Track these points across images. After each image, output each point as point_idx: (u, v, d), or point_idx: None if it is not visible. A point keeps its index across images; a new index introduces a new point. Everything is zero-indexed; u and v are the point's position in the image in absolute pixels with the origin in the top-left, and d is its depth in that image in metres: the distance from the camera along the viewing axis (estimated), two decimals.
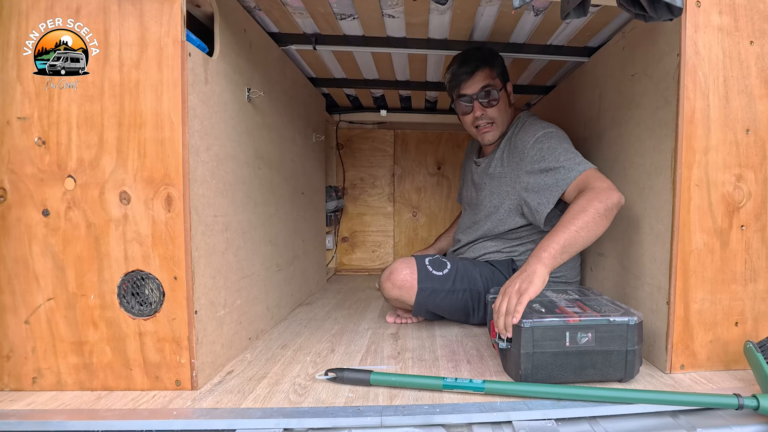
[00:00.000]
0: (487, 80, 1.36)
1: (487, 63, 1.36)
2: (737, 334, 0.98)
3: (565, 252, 1.01)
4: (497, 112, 1.39)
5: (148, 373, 0.89)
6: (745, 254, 0.98)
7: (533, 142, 1.29)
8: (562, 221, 1.04)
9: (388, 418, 0.78)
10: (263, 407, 0.83)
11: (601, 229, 1.04)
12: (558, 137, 1.27)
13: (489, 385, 0.87)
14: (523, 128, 1.36)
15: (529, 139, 1.30)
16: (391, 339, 1.25)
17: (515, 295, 0.94)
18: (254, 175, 1.21)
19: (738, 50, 0.95)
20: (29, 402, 0.84)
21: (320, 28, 1.37)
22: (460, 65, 1.37)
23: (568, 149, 1.24)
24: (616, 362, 0.91)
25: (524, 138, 1.32)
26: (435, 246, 1.84)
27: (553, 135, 1.28)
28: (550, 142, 1.26)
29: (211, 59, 0.98)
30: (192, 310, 0.89)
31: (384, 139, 2.50)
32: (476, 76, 1.36)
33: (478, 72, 1.35)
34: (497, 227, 1.42)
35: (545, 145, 1.26)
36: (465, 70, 1.36)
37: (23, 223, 0.87)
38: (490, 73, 1.36)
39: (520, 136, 1.35)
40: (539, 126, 1.32)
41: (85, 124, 0.87)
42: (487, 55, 1.37)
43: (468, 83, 1.37)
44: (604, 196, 1.05)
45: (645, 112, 1.08)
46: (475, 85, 1.36)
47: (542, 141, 1.27)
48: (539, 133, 1.29)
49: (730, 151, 0.96)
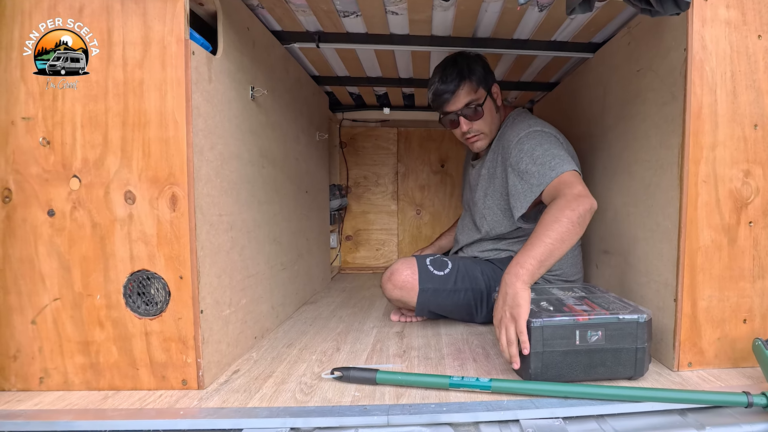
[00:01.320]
0: (470, 96, 1.33)
1: (466, 77, 1.32)
2: (745, 331, 0.98)
3: (543, 266, 0.99)
4: (484, 124, 1.37)
5: (154, 372, 0.89)
6: (753, 251, 0.97)
7: (516, 141, 1.27)
8: (537, 233, 1.02)
9: (395, 417, 0.78)
10: (270, 406, 0.83)
11: (575, 238, 1.03)
12: (541, 137, 1.24)
13: (496, 384, 0.86)
14: (512, 127, 1.34)
15: (513, 138, 1.28)
16: (396, 337, 1.25)
17: (510, 323, 0.93)
18: (258, 174, 1.21)
19: (746, 44, 0.94)
20: (36, 402, 0.84)
21: (323, 25, 1.36)
22: (440, 83, 1.33)
23: (548, 150, 1.19)
24: (626, 360, 0.91)
25: (509, 136, 1.31)
26: (435, 245, 1.83)
27: (536, 135, 1.25)
28: (531, 143, 1.23)
29: (215, 58, 0.98)
30: (198, 310, 0.88)
31: (387, 137, 2.49)
32: (458, 95, 1.33)
33: (459, 90, 1.32)
34: (494, 228, 1.42)
35: (525, 146, 1.23)
36: (446, 89, 1.32)
37: (29, 223, 0.87)
38: (471, 87, 1.33)
39: (507, 135, 1.33)
40: (525, 124, 1.30)
41: (90, 123, 0.86)
42: (465, 69, 1.33)
43: (451, 102, 1.34)
44: (575, 203, 1.03)
45: (651, 107, 1.07)
46: (458, 103, 1.34)
47: (524, 141, 1.25)
48: (522, 133, 1.27)
49: (738, 147, 0.95)
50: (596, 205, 1.06)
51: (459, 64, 1.34)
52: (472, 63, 1.35)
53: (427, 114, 2.33)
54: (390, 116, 2.30)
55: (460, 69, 1.33)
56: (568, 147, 1.30)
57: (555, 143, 1.23)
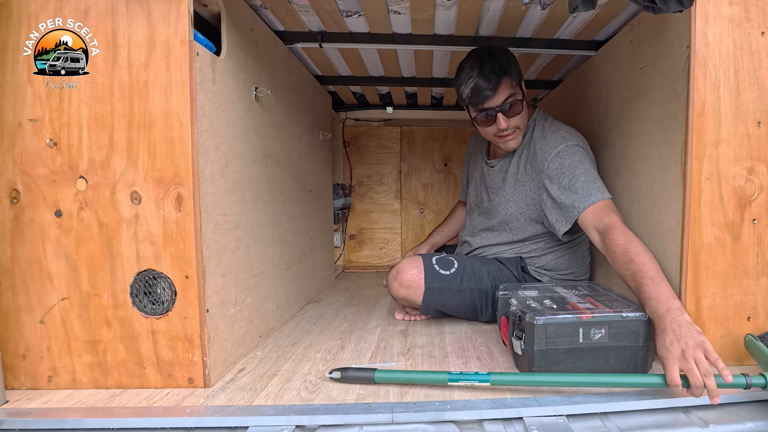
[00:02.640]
0: (509, 90, 1.27)
1: (507, 72, 1.26)
2: (749, 329, 0.97)
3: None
4: (521, 120, 1.31)
5: (161, 371, 0.90)
6: (757, 248, 0.97)
7: (555, 154, 1.24)
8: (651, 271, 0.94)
9: (399, 415, 0.79)
10: (275, 404, 0.84)
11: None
12: (580, 154, 1.23)
13: (494, 377, 0.86)
14: (544, 135, 1.30)
15: (551, 150, 1.25)
16: (400, 336, 1.26)
17: (699, 349, 0.78)
18: (262, 174, 1.22)
19: (749, 41, 0.94)
20: (45, 400, 0.85)
21: (326, 25, 1.36)
22: (482, 78, 1.24)
23: (590, 170, 1.20)
24: (629, 358, 0.91)
25: (545, 148, 1.27)
26: (428, 242, 1.80)
27: (576, 151, 1.24)
28: (572, 159, 1.22)
29: (219, 58, 0.99)
30: (203, 309, 0.89)
31: (390, 136, 2.50)
32: (500, 90, 1.26)
33: (501, 85, 1.25)
34: (516, 235, 1.40)
35: (566, 162, 1.21)
36: (488, 86, 1.24)
37: (36, 224, 0.88)
38: (511, 81, 1.27)
39: (540, 144, 1.30)
40: (560, 135, 1.28)
41: (96, 125, 0.87)
42: (505, 63, 1.27)
43: (492, 98, 1.26)
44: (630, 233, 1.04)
45: (654, 105, 1.07)
46: (499, 99, 1.26)
47: (564, 156, 1.23)
48: (561, 146, 1.24)
49: (742, 144, 0.95)
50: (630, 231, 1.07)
51: (499, 59, 1.27)
52: (510, 57, 1.30)
53: (429, 113, 2.33)
54: (393, 115, 2.31)
55: (501, 63, 1.26)
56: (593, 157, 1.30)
57: (592, 163, 1.24)
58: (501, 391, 0.88)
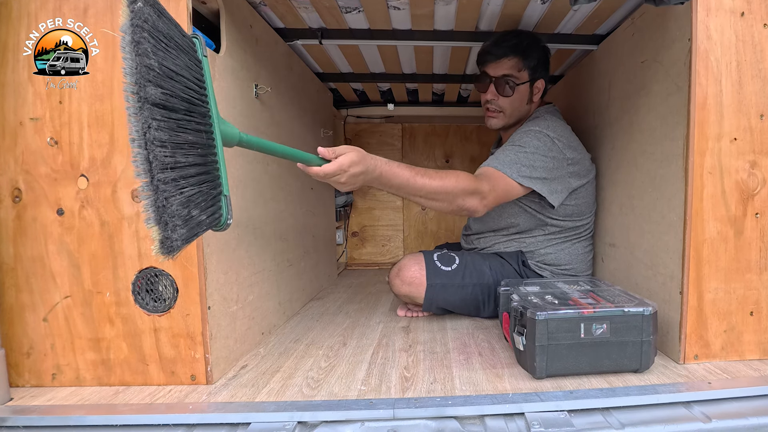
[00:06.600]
0: (511, 71, 1.33)
1: (519, 54, 1.32)
2: (752, 323, 0.97)
3: (383, 183, 1.01)
4: (508, 104, 1.37)
5: (163, 368, 0.91)
6: (760, 242, 0.96)
7: (521, 131, 1.30)
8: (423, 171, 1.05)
9: (401, 411, 0.79)
10: (277, 401, 0.84)
11: (432, 204, 1.09)
12: (539, 141, 1.25)
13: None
14: (531, 120, 1.35)
15: (522, 128, 1.31)
16: (402, 332, 1.26)
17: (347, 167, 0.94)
18: (264, 172, 1.22)
19: (751, 34, 0.93)
20: (49, 398, 0.86)
21: (326, 22, 1.36)
22: (493, 43, 1.34)
23: (528, 153, 1.22)
24: (632, 353, 0.91)
25: (521, 128, 1.33)
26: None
27: (538, 136, 1.26)
28: (526, 138, 1.26)
29: (218, 56, 0.99)
30: (205, 306, 0.90)
31: (392, 133, 2.49)
32: (501, 62, 1.33)
33: (505, 59, 1.32)
34: (496, 222, 1.42)
35: (521, 138, 1.26)
36: (495, 51, 1.33)
37: (39, 222, 0.88)
38: (517, 64, 1.33)
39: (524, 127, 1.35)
40: (541, 123, 1.31)
41: (96, 123, 0.88)
42: (522, 45, 1.32)
43: (491, 65, 1.35)
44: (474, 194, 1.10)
45: (656, 99, 1.07)
46: (497, 70, 1.34)
47: (524, 134, 1.27)
48: (532, 128, 1.29)
49: (744, 138, 0.94)
50: (479, 214, 1.15)
51: (520, 38, 1.33)
52: (533, 45, 1.35)
53: (431, 109, 2.33)
54: (394, 112, 2.30)
55: (518, 42, 1.33)
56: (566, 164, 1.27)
57: (541, 154, 1.24)
58: (503, 386, 0.88)
